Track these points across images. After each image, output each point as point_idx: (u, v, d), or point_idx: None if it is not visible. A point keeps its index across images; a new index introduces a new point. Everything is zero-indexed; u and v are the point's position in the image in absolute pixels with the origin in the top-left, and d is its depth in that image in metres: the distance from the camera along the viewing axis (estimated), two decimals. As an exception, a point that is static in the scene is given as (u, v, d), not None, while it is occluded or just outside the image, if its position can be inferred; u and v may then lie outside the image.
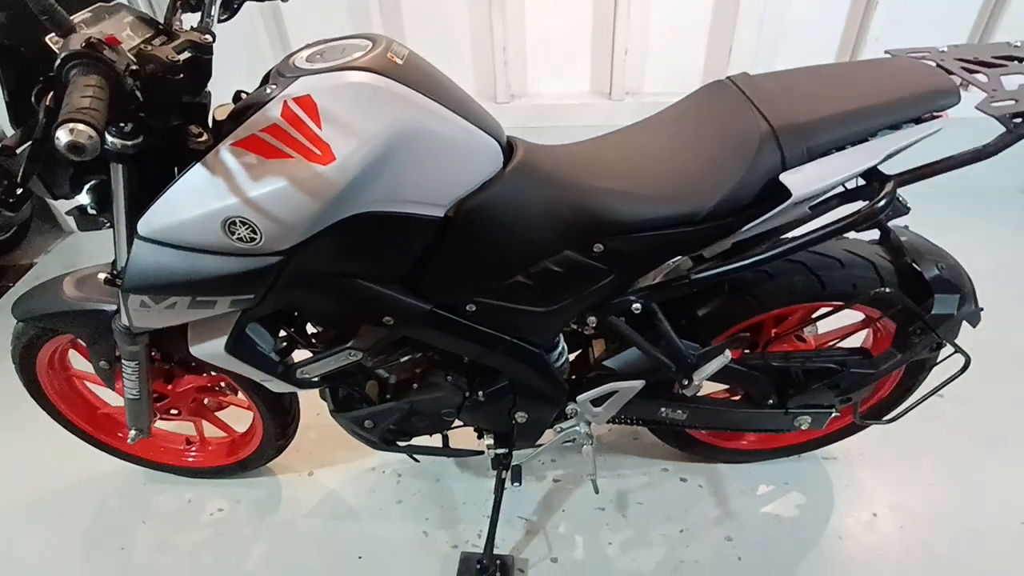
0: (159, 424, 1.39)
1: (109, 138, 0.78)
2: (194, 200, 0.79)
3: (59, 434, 1.52)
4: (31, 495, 1.54)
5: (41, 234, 2.68)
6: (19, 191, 0.66)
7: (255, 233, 0.79)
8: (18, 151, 0.73)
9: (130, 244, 0.90)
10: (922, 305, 1.06)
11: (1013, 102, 0.81)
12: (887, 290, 1.04)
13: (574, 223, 0.92)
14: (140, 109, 0.76)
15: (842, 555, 1.32)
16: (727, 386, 1.35)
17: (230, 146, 0.78)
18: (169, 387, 1.32)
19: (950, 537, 1.34)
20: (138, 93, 0.67)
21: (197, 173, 0.79)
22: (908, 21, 2.28)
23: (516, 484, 1.30)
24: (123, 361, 1.12)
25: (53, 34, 0.72)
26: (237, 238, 0.80)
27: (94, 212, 0.93)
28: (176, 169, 0.82)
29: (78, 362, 1.36)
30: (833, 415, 1.23)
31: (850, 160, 0.84)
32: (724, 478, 1.50)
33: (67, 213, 0.94)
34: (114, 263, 0.96)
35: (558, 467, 1.54)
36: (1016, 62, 0.90)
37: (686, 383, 1.08)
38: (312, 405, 1.62)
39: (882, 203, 0.84)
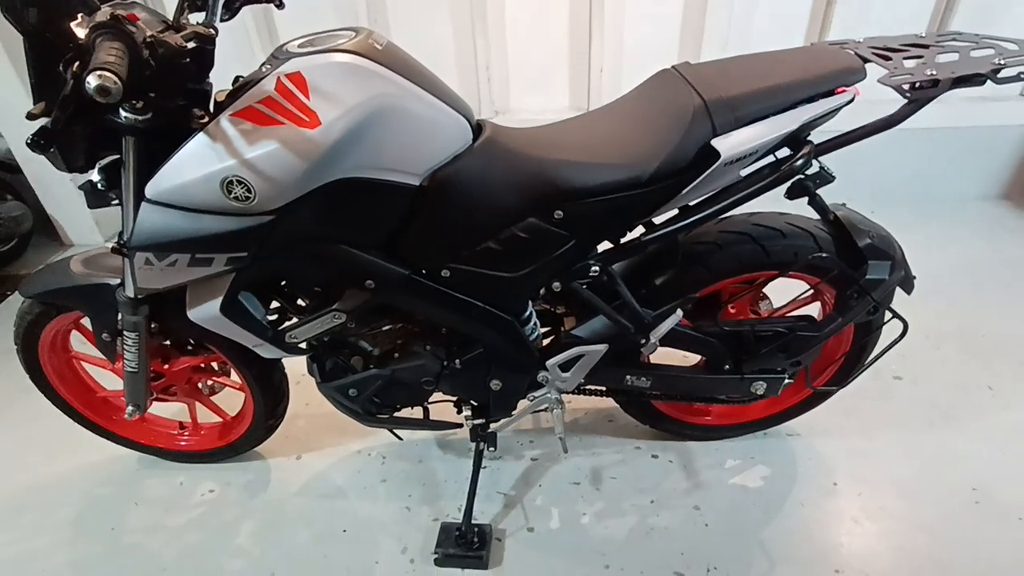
0: (154, 409, 1.47)
1: (123, 113, 0.89)
2: (196, 164, 0.89)
3: (54, 426, 1.60)
4: (24, 481, 1.60)
5: (40, 247, 2.77)
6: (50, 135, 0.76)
7: (250, 192, 0.90)
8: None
9: (136, 214, 1.00)
10: (857, 271, 1.17)
11: (909, 75, 0.93)
12: (823, 255, 1.15)
13: (536, 191, 1.03)
14: (151, 88, 0.88)
15: (804, 520, 1.40)
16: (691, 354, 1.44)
17: (229, 116, 0.89)
18: (166, 367, 1.39)
19: (906, 502, 1.41)
20: (152, 62, 0.79)
21: (200, 140, 0.89)
22: (860, 23, 2.45)
23: (492, 449, 1.38)
24: (124, 333, 1.21)
25: (77, 20, 0.84)
26: (234, 197, 0.90)
27: (103, 188, 1.03)
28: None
29: (78, 344, 1.45)
30: (787, 381, 1.32)
31: (772, 126, 0.96)
32: (693, 454, 1.57)
33: (79, 187, 1.04)
34: (120, 234, 1.06)
35: (536, 447, 1.62)
36: (920, 48, 1.03)
37: (644, 342, 1.17)
38: (301, 395, 1.70)
39: (800, 161, 0.96)
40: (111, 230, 2.83)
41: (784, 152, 1.06)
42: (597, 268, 1.11)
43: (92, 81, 0.64)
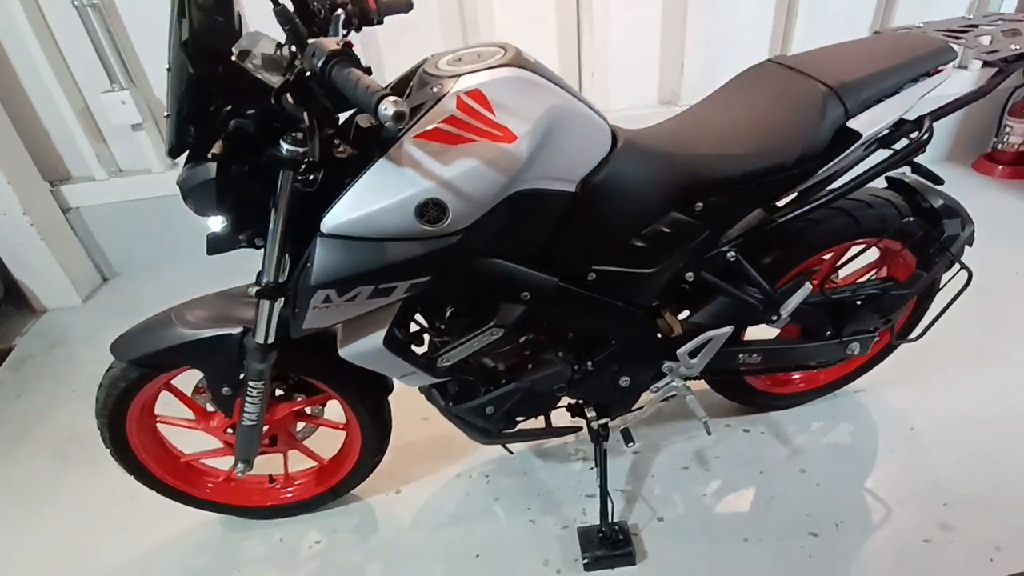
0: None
1: (284, 145, 0.85)
2: (385, 191, 0.87)
3: (117, 507, 1.48)
4: (112, 564, 1.45)
5: (10, 317, 2.49)
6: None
7: (444, 213, 0.88)
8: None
9: (282, 254, 0.96)
10: (936, 230, 1.30)
11: (997, 51, 1.07)
12: (911, 219, 1.27)
13: (679, 186, 1.08)
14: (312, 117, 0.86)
15: (899, 464, 1.52)
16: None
17: (413, 139, 0.87)
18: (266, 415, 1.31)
19: (978, 428, 1.57)
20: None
21: (382, 168, 0.87)
22: (821, 31, 2.70)
23: (631, 445, 1.40)
24: (249, 384, 1.14)
25: (235, 55, 0.81)
26: (426, 220, 0.88)
27: (230, 232, 0.97)
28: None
29: (162, 407, 1.33)
30: (875, 339, 1.44)
31: (897, 105, 1.07)
32: (779, 424, 1.66)
33: (209, 236, 0.98)
34: (259, 277, 1.00)
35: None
36: (976, 27, 1.18)
37: (775, 318, 1.25)
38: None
39: (927, 135, 1.07)
40: (88, 289, 2.60)
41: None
42: (734, 254, 1.17)
43: (389, 108, 0.62)
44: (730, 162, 1.07)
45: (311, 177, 0.89)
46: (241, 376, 1.13)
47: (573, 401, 1.40)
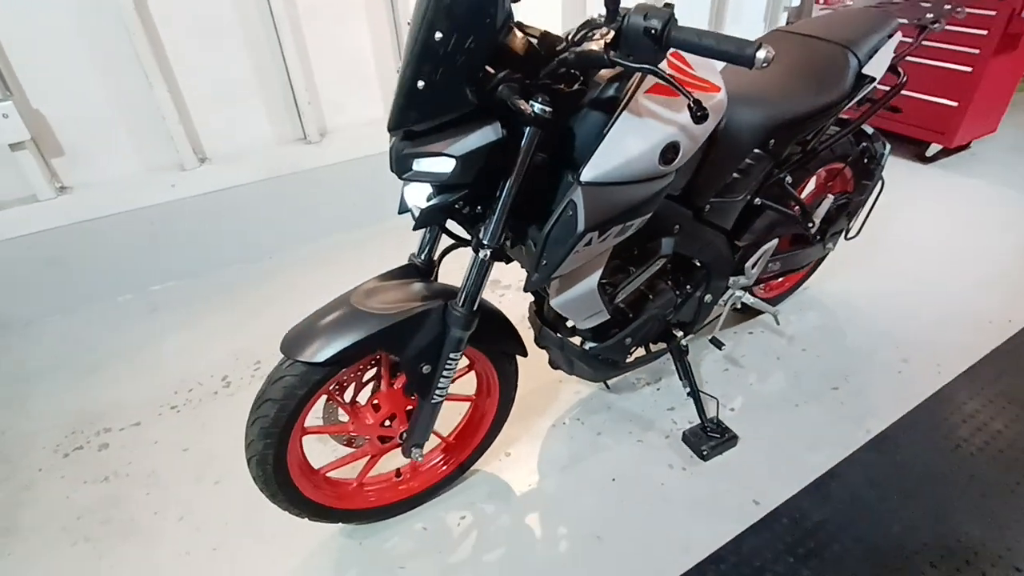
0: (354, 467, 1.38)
1: (536, 105, 0.94)
2: (633, 140, 1.00)
3: (209, 563, 1.40)
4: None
5: None
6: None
7: (676, 154, 1.04)
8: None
9: (509, 215, 1.03)
10: (872, 151, 1.81)
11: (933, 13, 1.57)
12: (862, 145, 1.75)
13: (763, 128, 1.37)
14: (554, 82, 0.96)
15: (858, 326, 2.05)
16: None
17: (644, 94, 1.01)
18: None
19: (895, 292, 2.19)
20: None
21: (626, 121, 1.00)
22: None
23: (723, 347, 1.68)
24: (449, 356, 1.15)
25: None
26: (663, 162, 1.03)
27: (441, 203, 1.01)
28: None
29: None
30: (841, 236, 1.92)
31: (883, 56, 1.49)
32: (770, 323, 2.10)
33: (423, 209, 1.00)
34: (480, 236, 1.05)
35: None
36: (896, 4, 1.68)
37: (811, 225, 1.63)
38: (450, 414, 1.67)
39: (905, 78, 1.52)
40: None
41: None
42: (790, 178, 1.50)
43: (764, 53, 0.77)
44: (794, 105, 1.39)
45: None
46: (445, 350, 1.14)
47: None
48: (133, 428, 1.79)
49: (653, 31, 0.83)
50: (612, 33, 0.87)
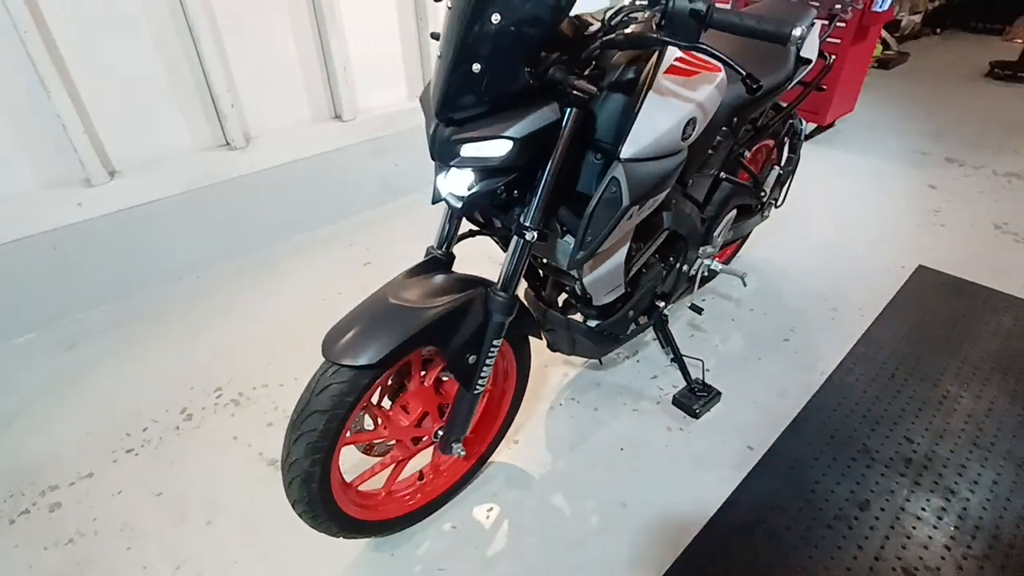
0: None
1: (587, 85, 0.98)
2: (661, 118, 1.06)
3: None
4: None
5: None
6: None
7: (693, 129, 1.12)
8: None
9: (546, 193, 1.05)
10: (795, 127, 2.05)
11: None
12: (789, 122, 1.97)
13: (730, 107, 1.50)
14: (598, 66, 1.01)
15: (794, 281, 2.30)
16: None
17: (663, 75, 1.08)
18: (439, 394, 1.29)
19: (821, 248, 2.48)
20: None
21: (653, 101, 1.06)
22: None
23: (702, 311, 1.81)
24: (492, 343, 1.15)
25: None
26: (684, 137, 1.11)
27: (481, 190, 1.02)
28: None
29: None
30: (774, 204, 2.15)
31: (813, 41, 1.69)
32: (717, 290, 2.30)
33: (463, 196, 1.00)
34: (520, 220, 1.06)
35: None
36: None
37: (763, 194, 1.81)
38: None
39: (833, 59, 1.73)
40: None
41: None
42: (746, 152, 1.66)
43: (797, 32, 0.86)
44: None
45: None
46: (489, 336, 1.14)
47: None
48: (85, 480, 1.57)
49: (700, 13, 0.89)
50: (658, 16, 0.93)
